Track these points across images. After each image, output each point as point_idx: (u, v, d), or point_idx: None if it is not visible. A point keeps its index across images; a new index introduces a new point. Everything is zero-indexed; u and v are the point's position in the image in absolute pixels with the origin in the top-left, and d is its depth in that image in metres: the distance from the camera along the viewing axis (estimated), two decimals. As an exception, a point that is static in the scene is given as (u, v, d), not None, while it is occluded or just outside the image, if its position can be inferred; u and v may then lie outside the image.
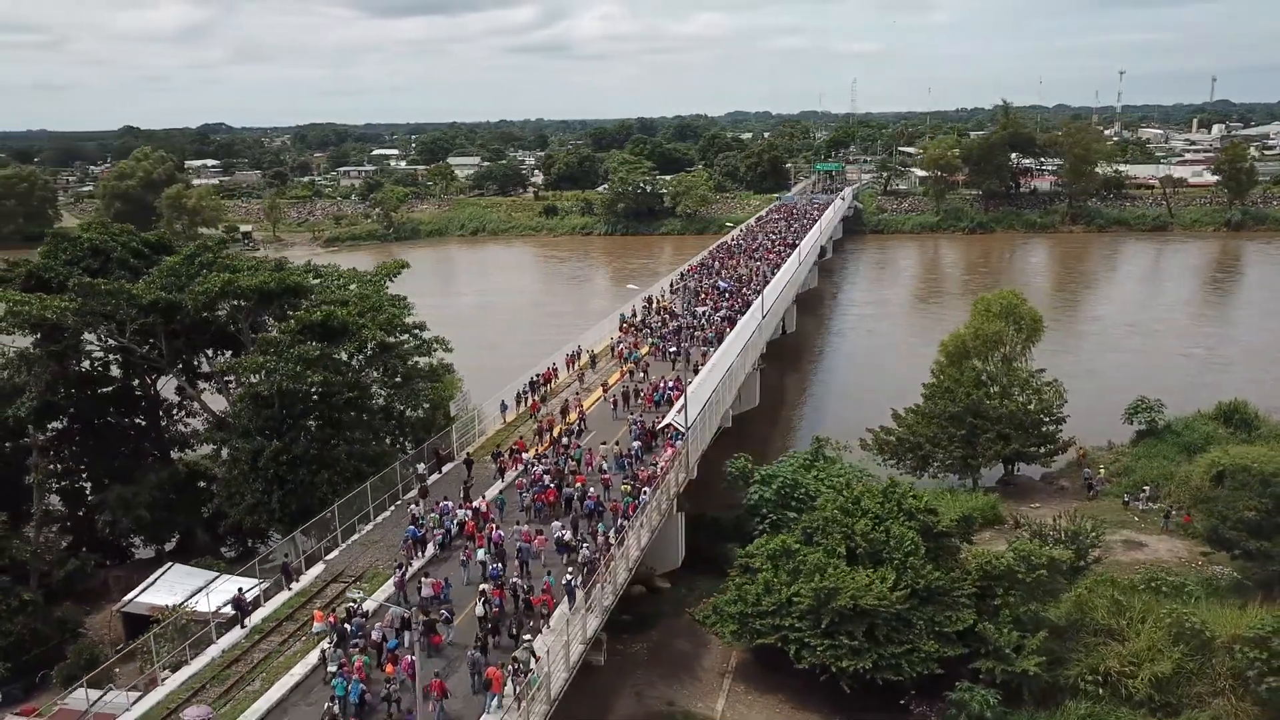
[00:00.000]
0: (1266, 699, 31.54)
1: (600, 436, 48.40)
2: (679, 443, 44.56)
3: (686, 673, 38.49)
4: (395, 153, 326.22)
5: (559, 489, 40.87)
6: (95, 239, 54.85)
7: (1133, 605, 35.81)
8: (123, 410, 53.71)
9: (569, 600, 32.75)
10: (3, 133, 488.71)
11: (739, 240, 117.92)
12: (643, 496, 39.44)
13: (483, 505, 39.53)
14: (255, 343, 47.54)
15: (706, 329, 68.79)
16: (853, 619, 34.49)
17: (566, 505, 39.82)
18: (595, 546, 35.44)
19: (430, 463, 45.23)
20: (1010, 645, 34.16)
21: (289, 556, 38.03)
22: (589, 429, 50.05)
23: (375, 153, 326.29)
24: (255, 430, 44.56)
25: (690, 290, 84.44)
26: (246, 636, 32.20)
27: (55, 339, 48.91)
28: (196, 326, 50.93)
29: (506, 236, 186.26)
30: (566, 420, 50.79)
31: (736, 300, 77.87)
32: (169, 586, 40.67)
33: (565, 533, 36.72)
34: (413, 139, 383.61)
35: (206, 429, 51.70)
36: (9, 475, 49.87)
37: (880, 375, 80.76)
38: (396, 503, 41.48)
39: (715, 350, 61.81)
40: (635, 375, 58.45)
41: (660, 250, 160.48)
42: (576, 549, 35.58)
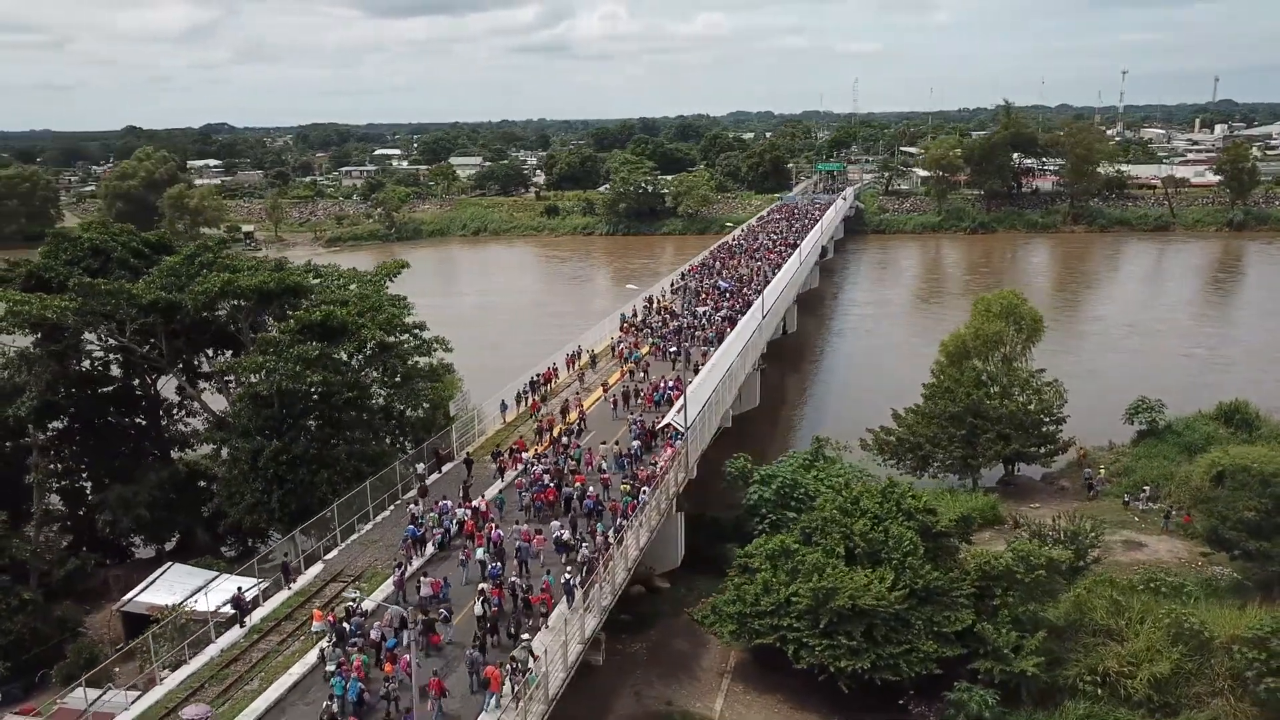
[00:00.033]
0: (1265, 699, 31.47)
1: (600, 436, 48.41)
2: (678, 442, 44.57)
3: (685, 673, 38.48)
4: (397, 153, 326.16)
5: (558, 488, 40.92)
6: (95, 239, 54.93)
7: (1131, 605, 35.75)
8: (123, 410, 53.79)
9: (567, 599, 32.78)
10: (6, 133, 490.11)
11: (740, 240, 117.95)
12: (642, 496, 39.45)
13: (482, 505, 39.55)
14: (255, 342, 47.58)
15: (707, 329, 68.80)
16: (851, 619, 34.45)
17: (566, 505, 39.85)
18: (594, 546, 35.48)
19: (430, 462, 45.29)
20: (1009, 645, 34.11)
21: (288, 556, 38.05)
22: (589, 428, 50.07)
23: (377, 153, 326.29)
24: (255, 430, 44.63)
25: (691, 290, 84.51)
26: (245, 636, 32.27)
27: (55, 339, 48.98)
28: (196, 326, 51.00)
29: (508, 236, 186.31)
30: (566, 420, 50.80)
31: (737, 300, 77.85)
32: (168, 586, 40.68)
33: (564, 532, 36.75)
34: (415, 139, 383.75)
35: (206, 429, 51.78)
36: (9, 475, 49.95)
37: (881, 375, 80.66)
38: (396, 502, 41.51)
39: (716, 350, 61.81)
40: (635, 375, 58.46)
41: (662, 250, 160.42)
42: (575, 548, 35.62)
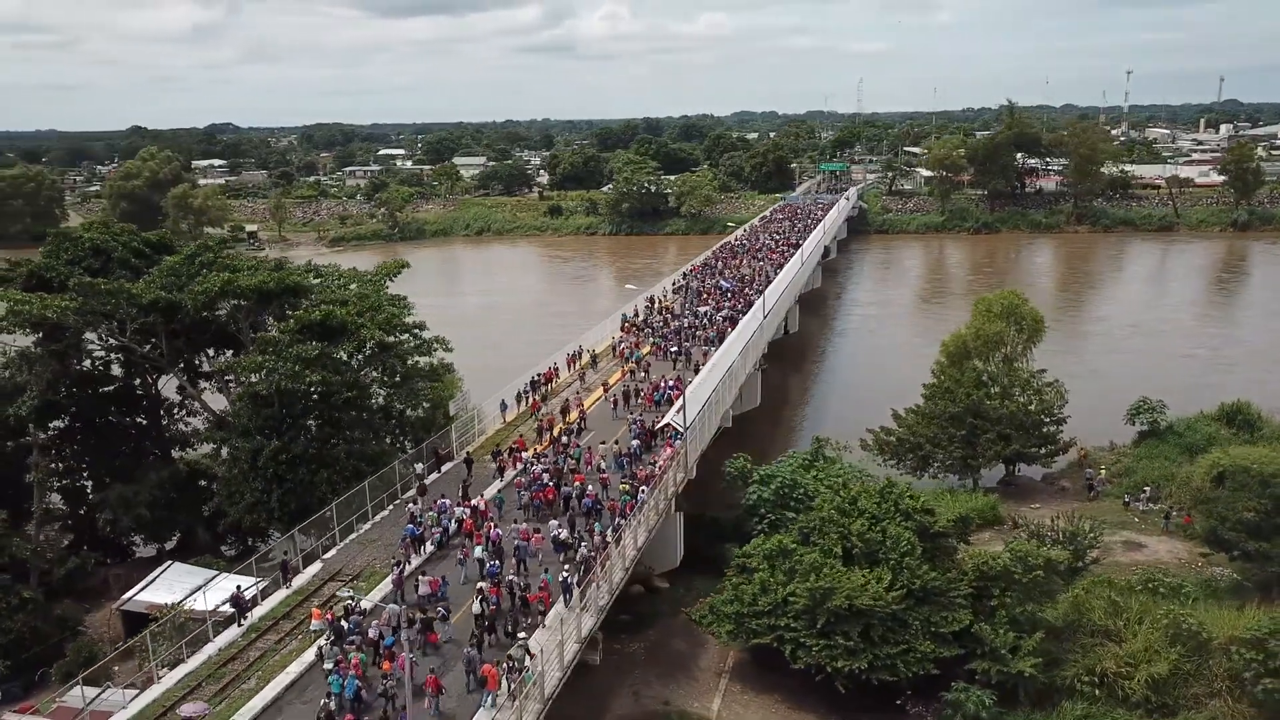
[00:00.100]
0: (1262, 700, 31.42)
1: (600, 435, 48.41)
2: (677, 442, 44.57)
3: (683, 672, 38.49)
4: (401, 153, 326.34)
5: (557, 487, 40.95)
6: (96, 239, 55.07)
7: (1130, 606, 35.65)
8: (124, 409, 53.91)
9: (565, 598, 32.81)
10: (12, 133, 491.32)
11: (742, 240, 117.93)
12: (640, 496, 39.47)
13: (481, 504, 39.57)
14: (255, 342, 47.66)
15: (708, 329, 68.80)
16: (848, 619, 34.43)
17: (565, 504, 39.87)
18: (592, 545, 35.49)
19: (429, 462, 45.33)
20: (1006, 646, 34.06)
21: (288, 555, 38.10)
22: (589, 428, 50.08)
23: (381, 153, 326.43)
24: (255, 429, 44.72)
25: (693, 290, 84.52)
26: (243, 635, 32.33)
27: (56, 338, 49.11)
28: (197, 326, 51.09)
29: (511, 236, 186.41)
30: (567, 419, 50.79)
31: (739, 300, 77.82)
32: (168, 585, 40.79)
33: (562, 531, 36.78)
34: (419, 139, 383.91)
35: (207, 428, 51.89)
36: (10, 474, 50.12)
37: (883, 376, 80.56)
38: (395, 502, 41.55)
39: (717, 350, 61.79)
40: (636, 375, 58.46)
41: (665, 250, 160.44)
42: (573, 547, 35.66)
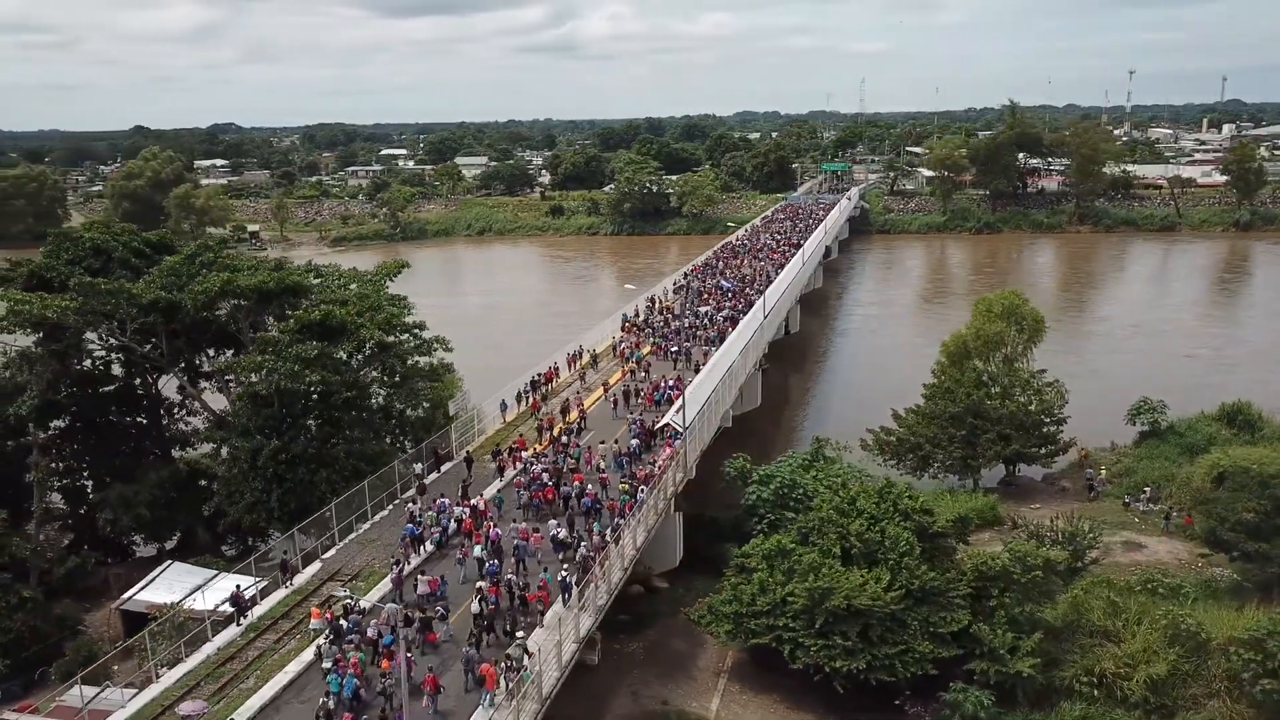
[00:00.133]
0: (1261, 701, 31.38)
1: (600, 435, 48.42)
2: (677, 442, 44.57)
3: (682, 672, 38.49)
4: (403, 153, 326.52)
5: (557, 487, 40.97)
6: (96, 239, 55.12)
7: (1129, 607, 35.63)
8: (124, 409, 53.98)
9: (564, 598, 32.83)
10: (14, 133, 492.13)
11: (743, 240, 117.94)
12: (640, 495, 39.48)
13: (480, 503, 39.61)
14: (255, 342, 47.69)
15: (709, 329, 68.80)
16: (847, 619, 34.41)
17: (564, 503, 39.90)
18: (591, 545, 35.51)
19: (429, 462, 45.37)
20: (1005, 646, 34.01)
21: (287, 554, 38.12)
22: (589, 428, 50.10)
23: (383, 153, 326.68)
24: (255, 429, 44.78)
25: (693, 290, 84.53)
26: (242, 634, 32.38)
27: (57, 338, 49.16)
28: (197, 326, 51.14)
29: (513, 236, 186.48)
30: (567, 419, 50.82)
31: (739, 300, 77.81)
32: (168, 584, 40.83)
33: (561, 531, 36.80)
34: (421, 139, 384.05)
35: (207, 428, 51.94)
36: (10, 473, 50.16)
37: (884, 376, 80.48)
38: (394, 502, 41.58)
39: (717, 350, 61.79)
40: (636, 374, 58.48)
41: (666, 250, 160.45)
42: (572, 547, 35.69)
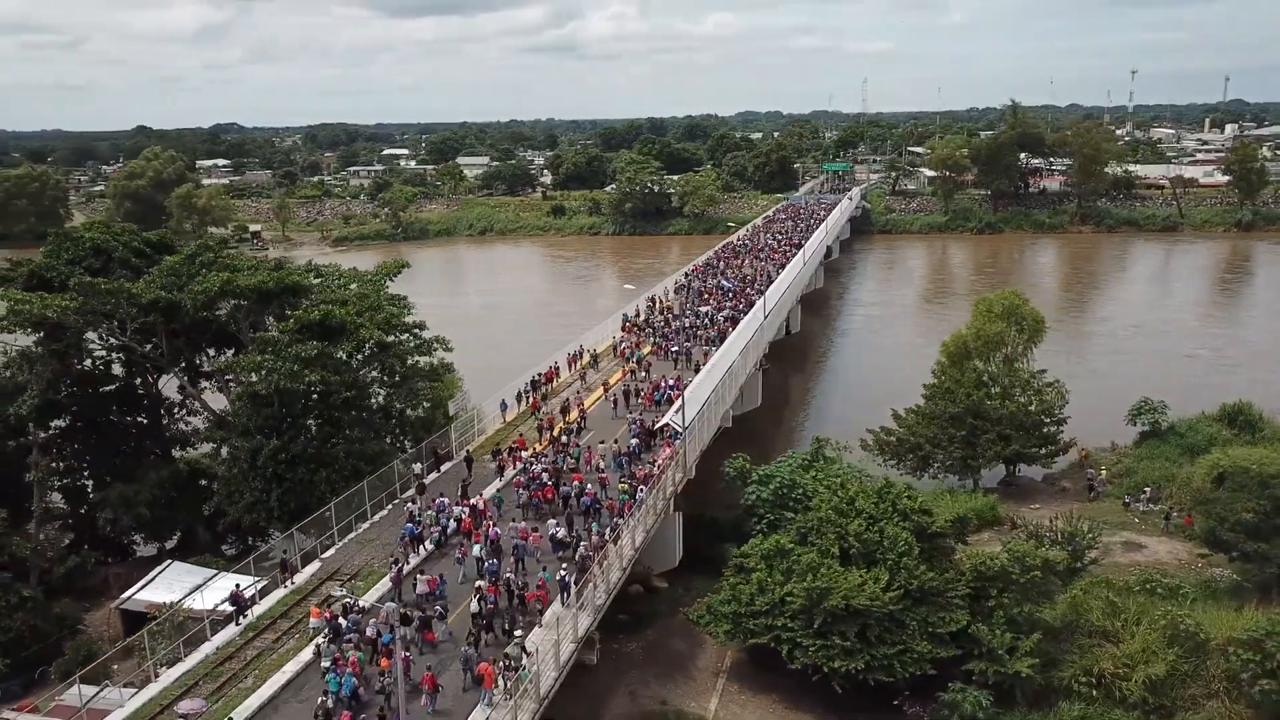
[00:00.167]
0: (1260, 701, 31.35)
1: (600, 435, 48.43)
2: (677, 442, 44.57)
3: (681, 672, 38.48)
4: (405, 152, 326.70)
5: (556, 487, 41.01)
6: (97, 238, 55.18)
7: (1128, 607, 35.56)
8: (124, 408, 54.02)
9: (563, 597, 32.86)
10: (18, 133, 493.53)
11: (744, 240, 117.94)
12: (639, 495, 39.50)
13: (480, 503, 39.65)
14: (254, 342, 47.73)
15: (709, 329, 68.79)
16: (845, 619, 34.40)
17: (564, 503, 39.93)
18: (590, 544, 35.54)
19: (428, 461, 45.39)
20: (1003, 647, 34.00)
21: (287, 553, 38.19)
22: (589, 427, 50.11)
23: (385, 152, 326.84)
24: (254, 429, 44.80)
25: (694, 290, 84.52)
26: (241, 634, 32.41)
27: (57, 337, 49.18)
28: (197, 325, 51.19)
29: (514, 236, 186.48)
30: (567, 419, 50.85)
31: (740, 300, 77.79)
32: (167, 584, 40.86)
33: (560, 530, 36.85)
34: (423, 139, 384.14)
35: (207, 427, 51.98)
36: (10, 473, 50.17)
37: (885, 376, 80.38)
38: (394, 501, 41.61)
39: (717, 350, 61.77)
40: (636, 374, 58.48)
41: (668, 250, 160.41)
42: (570, 546, 35.73)
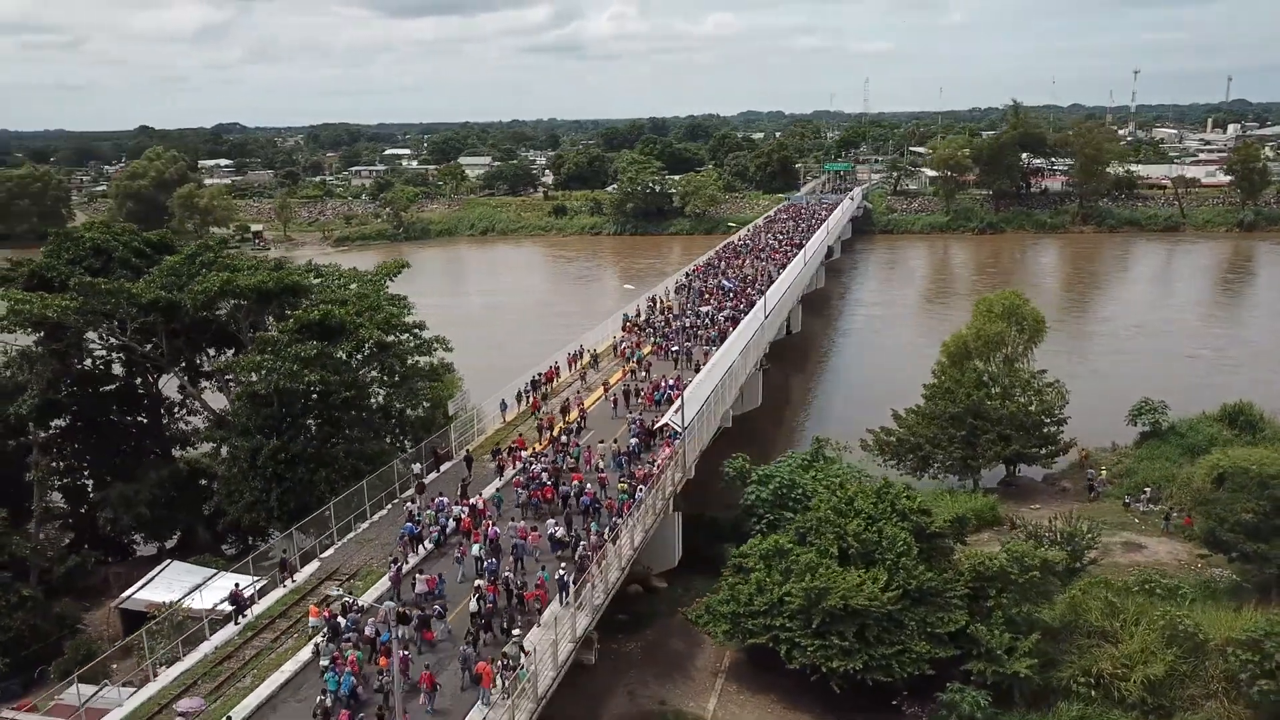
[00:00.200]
0: (1258, 702, 31.31)
1: (600, 435, 48.43)
2: (676, 442, 44.57)
3: (680, 672, 38.48)
4: (407, 152, 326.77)
5: (556, 486, 41.03)
6: (97, 238, 55.23)
7: (1126, 607, 35.50)
8: (124, 408, 54.07)
9: (561, 596, 32.88)
10: (21, 133, 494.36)
11: (745, 240, 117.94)
12: (638, 495, 39.51)
13: (479, 502, 39.69)
14: (254, 342, 47.76)
15: (709, 329, 68.78)
16: (843, 619, 34.37)
17: (563, 502, 39.96)
18: (589, 544, 35.56)
19: (428, 461, 45.41)
20: (1002, 647, 33.96)
21: (286, 553, 38.24)
22: (589, 427, 50.13)
23: (387, 152, 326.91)
24: (254, 429, 44.82)
25: (694, 290, 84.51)
26: (239, 633, 32.44)
27: (57, 337, 49.23)
28: (197, 325, 51.22)
29: (516, 236, 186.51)
30: (567, 419, 50.87)
31: (741, 300, 77.78)
32: (167, 583, 40.90)
33: (559, 529, 36.87)
34: (425, 139, 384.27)
35: (207, 427, 52.03)
36: (10, 472, 50.21)
37: (886, 376, 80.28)
38: (393, 501, 41.63)
39: (718, 350, 61.76)
40: (637, 374, 58.49)
41: (669, 250, 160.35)
42: (570, 545, 35.76)
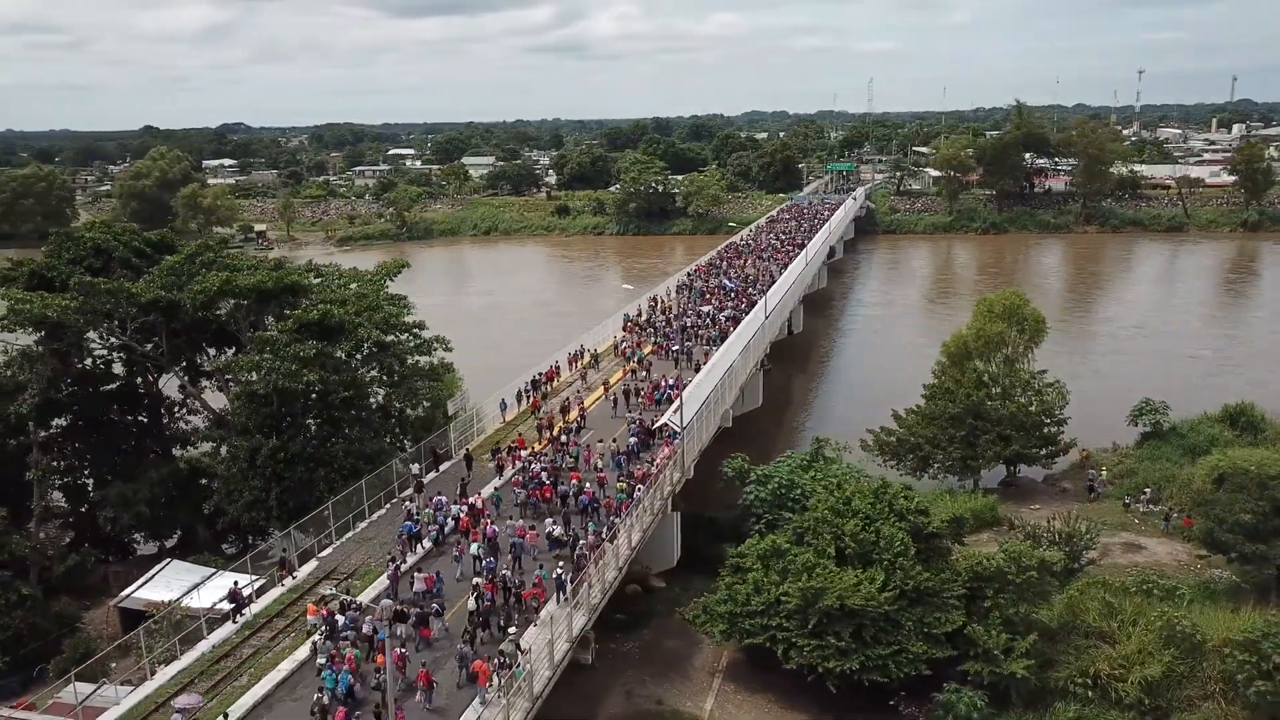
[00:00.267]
0: (1256, 703, 31.18)
1: (599, 434, 48.48)
2: (676, 442, 44.58)
3: (677, 672, 38.48)
4: (411, 152, 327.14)
5: (555, 485, 41.07)
6: (98, 238, 55.33)
7: (1124, 608, 35.41)
8: (125, 407, 54.16)
9: (559, 595, 32.91)
10: (26, 133, 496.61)
11: (747, 240, 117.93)
12: (636, 494, 39.55)
13: (478, 501, 39.75)
14: (253, 341, 47.84)
15: (710, 328, 68.78)
16: (840, 619, 34.34)
17: (562, 501, 40.01)
18: (587, 543, 35.60)
19: (427, 461, 45.46)
20: (999, 647, 33.86)
21: (286, 552, 38.33)
22: (588, 427, 50.18)
23: (391, 152, 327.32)
24: (253, 428, 44.88)
25: (696, 290, 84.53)
26: (237, 632, 32.52)
27: (58, 337, 49.32)
28: (197, 325, 51.30)
29: (519, 236, 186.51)
30: (566, 418, 50.92)
31: (742, 300, 77.76)
32: (166, 582, 41.02)
33: (556, 528, 36.92)
34: (428, 139, 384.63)
35: (207, 426, 52.11)
36: (11, 471, 50.25)
37: (887, 376, 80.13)
38: (392, 501, 41.69)
39: (719, 349, 61.76)
40: (637, 374, 58.51)
41: (671, 250, 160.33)
42: (568, 544, 35.80)
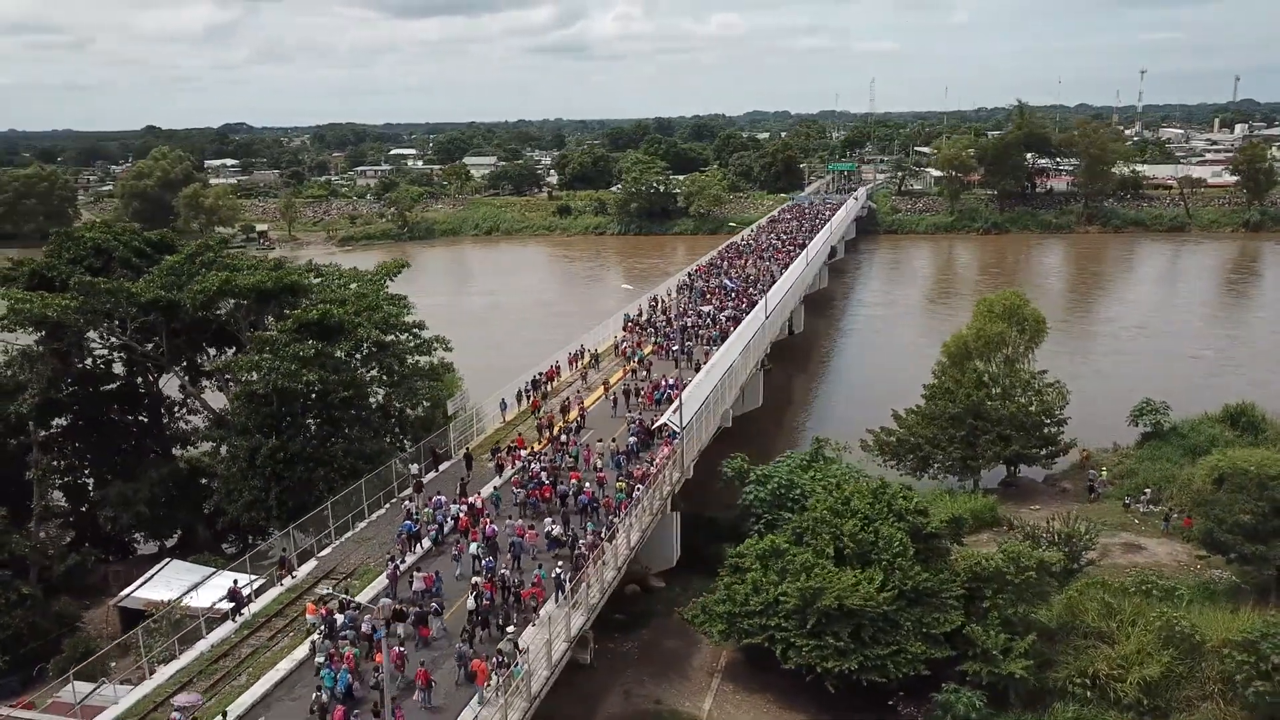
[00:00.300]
0: (1254, 703, 31.15)
1: (599, 434, 48.49)
2: (675, 442, 44.58)
3: (676, 672, 38.50)
4: (413, 152, 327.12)
5: (554, 485, 41.08)
6: (98, 238, 55.39)
7: (1123, 608, 35.42)
8: (125, 407, 54.19)
9: (558, 595, 32.92)
10: (29, 133, 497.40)
11: (748, 240, 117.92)
12: (635, 494, 39.56)
13: (478, 501, 39.78)
14: (252, 341, 47.88)
15: (711, 328, 68.78)
16: (839, 619, 34.33)
17: (561, 501, 40.03)
18: (586, 543, 35.62)
19: (426, 461, 45.48)
20: (998, 647, 33.86)
21: (285, 551, 38.37)
22: (588, 426, 50.20)
23: (393, 152, 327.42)
24: (253, 428, 44.92)
25: (696, 290, 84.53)
26: (236, 632, 32.54)
27: (58, 336, 49.38)
28: (197, 325, 51.35)
29: (520, 236, 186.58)
30: (566, 418, 50.93)
31: (742, 300, 77.75)
32: (166, 581, 41.11)
33: (555, 528, 36.94)
34: (430, 139, 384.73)
35: (207, 426, 52.15)
36: (11, 471, 50.29)
37: (888, 376, 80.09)
38: (391, 500, 41.72)
39: (719, 349, 61.75)
40: (637, 374, 58.52)
41: (673, 250, 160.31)
42: (567, 544, 35.81)
